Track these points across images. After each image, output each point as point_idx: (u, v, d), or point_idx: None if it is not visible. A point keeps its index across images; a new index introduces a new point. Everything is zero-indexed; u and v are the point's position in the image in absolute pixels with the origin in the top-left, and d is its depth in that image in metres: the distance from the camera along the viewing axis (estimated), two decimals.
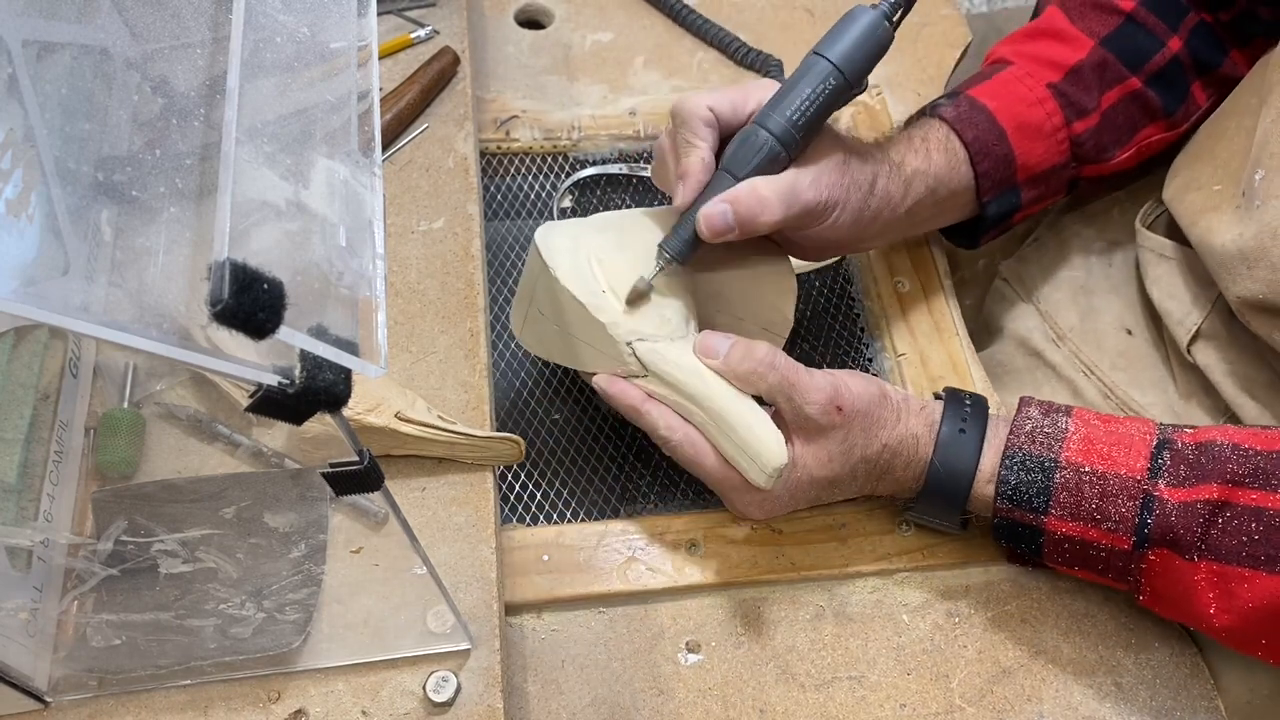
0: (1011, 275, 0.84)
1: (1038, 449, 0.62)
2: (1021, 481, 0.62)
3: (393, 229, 0.75)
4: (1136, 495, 0.59)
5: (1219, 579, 0.58)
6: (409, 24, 0.86)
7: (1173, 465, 0.60)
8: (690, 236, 0.64)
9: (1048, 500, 0.61)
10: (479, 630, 0.60)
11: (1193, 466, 0.60)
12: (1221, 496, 0.58)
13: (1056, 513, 0.61)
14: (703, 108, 0.64)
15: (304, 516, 0.59)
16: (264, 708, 0.57)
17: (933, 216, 0.74)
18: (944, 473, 0.63)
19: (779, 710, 0.63)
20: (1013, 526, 0.63)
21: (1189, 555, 0.58)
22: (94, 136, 0.46)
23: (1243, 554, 0.57)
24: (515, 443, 0.64)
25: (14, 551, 0.55)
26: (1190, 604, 0.59)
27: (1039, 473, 0.61)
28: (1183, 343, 0.72)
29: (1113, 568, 0.62)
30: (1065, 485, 0.61)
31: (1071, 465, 0.61)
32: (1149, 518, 0.59)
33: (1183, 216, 0.71)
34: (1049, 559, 0.64)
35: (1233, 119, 0.72)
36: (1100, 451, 0.61)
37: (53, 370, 0.61)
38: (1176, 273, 0.74)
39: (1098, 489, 0.60)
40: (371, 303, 0.40)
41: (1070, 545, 0.62)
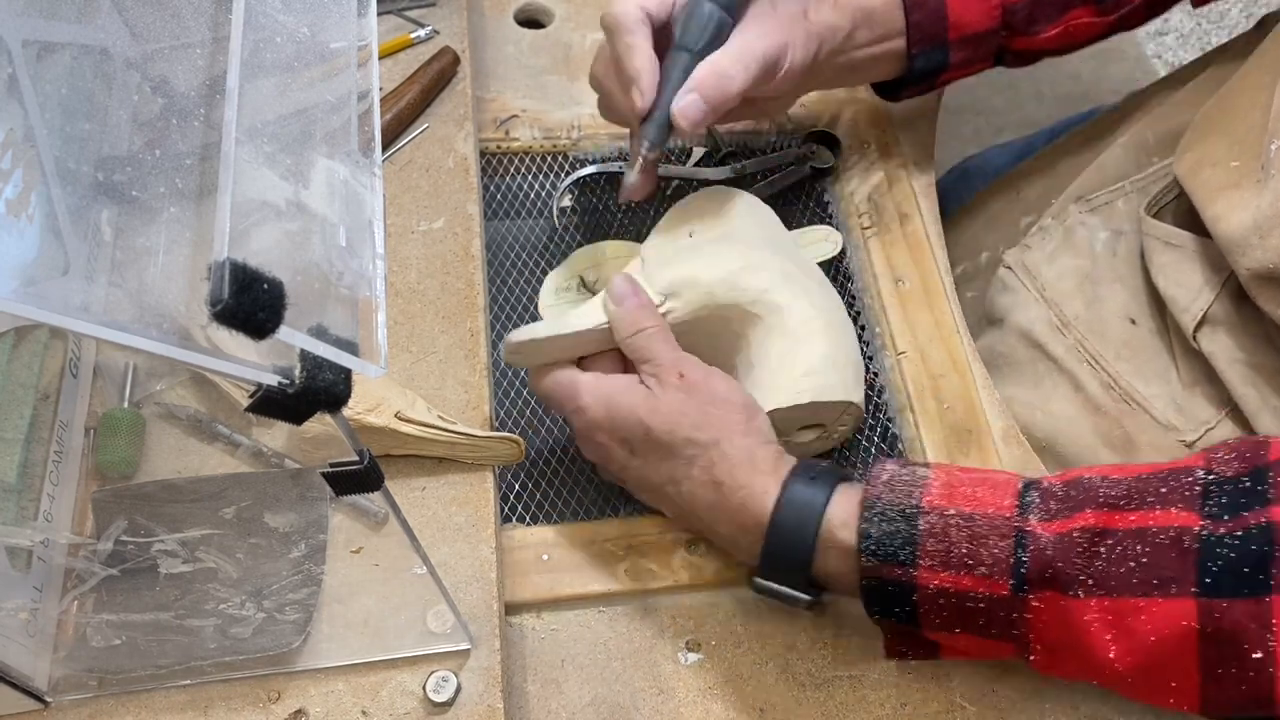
0: (1016, 263, 0.84)
1: (897, 497, 0.57)
2: (884, 533, 0.56)
3: (393, 229, 0.75)
4: (1008, 533, 0.54)
5: (1113, 615, 0.52)
6: (409, 24, 0.86)
7: (1042, 502, 0.56)
8: (664, 123, 0.68)
9: (915, 550, 0.56)
10: (479, 630, 0.60)
11: (1063, 500, 0.55)
12: (1098, 523, 0.53)
13: (926, 563, 0.55)
14: (634, 8, 0.67)
15: (304, 516, 0.59)
16: (264, 708, 0.57)
17: (866, 63, 0.77)
18: (793, 507, 0.59)
19: (779, 709, 0.63)
20: (882, 587, 0.57)
21: (1074, 592, 0.53)
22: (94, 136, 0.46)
23: (1132, 581, 0.52)
24: (515, 443, 0.64)
25: (14, 551, 0.55)
26: (1087, 651, 0.53)
27: (901, 521, 0.56)
28: (1188, 329, 0.72)
29: (995, 621, 0.55)
30: (931, 531, 0.55)
31: (935, 509, 0.56)
32: (1024, 555, 0.54)
33: (1197, 193, 0.71)
34: (926, 623, 0.57)
35: (1244, 95, 0.72)
36: (964, 494, 0.57)
37: (53, 370, 0.61)
38: (1182, 260, 0.74)
39: (966, 532, 0.55)
40: (371, 303, 0.40)
41: (946, 600, 0.56)
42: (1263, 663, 0.50)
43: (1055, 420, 0.77)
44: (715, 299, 0.67)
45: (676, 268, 0.68)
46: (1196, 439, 0.72)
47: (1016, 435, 0.73)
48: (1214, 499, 0.53)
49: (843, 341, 0.68)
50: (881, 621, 0.60)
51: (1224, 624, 0.50)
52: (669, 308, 0.67)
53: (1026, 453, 0.72)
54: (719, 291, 0.67)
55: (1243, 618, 0.50)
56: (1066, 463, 0.76)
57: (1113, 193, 0.82)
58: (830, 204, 0.86)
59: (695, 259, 0.69)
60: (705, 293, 0.67)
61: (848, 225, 0.84)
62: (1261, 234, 0.65)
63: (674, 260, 0.69)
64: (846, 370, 0.68)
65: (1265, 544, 0.50)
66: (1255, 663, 0.50)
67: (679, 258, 0.69)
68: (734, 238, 0.71)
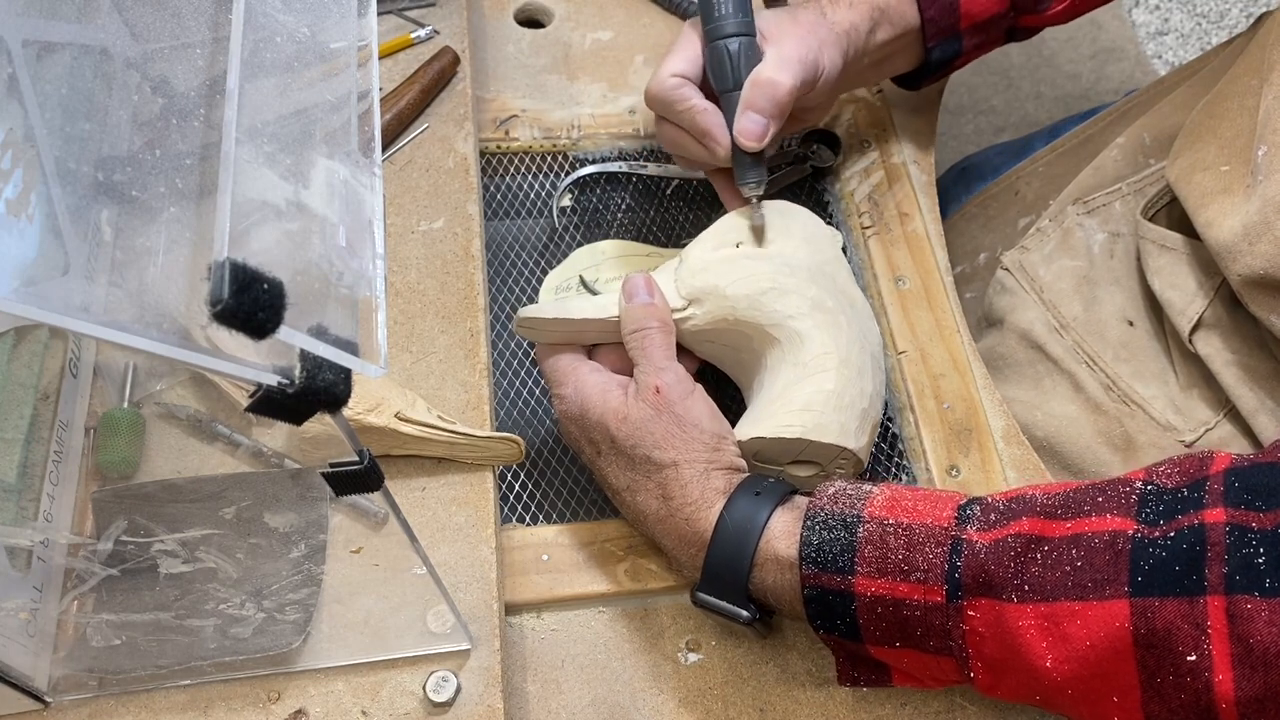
0: (1014, 265, 0.84)
1: (840, 508, 0.58)
2: (824, 541, 0.57)
3: (393, 229, 0.75)
4: (944, 541, 0.55)
5: (1048, 621, 0.52)
6: (409, 24, 0.86)
7: (982, 514, 0.56)
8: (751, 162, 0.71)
9: (853, 557, 0.56)
10: (479, 630, 0.60)
11: (1002, 512, 0.56)
12: (1033, 530, 0.53)
13: (863, 570, 0.56)
14: (670, 77, 0.72)
15: (304, 516, 0.59)
16: (264, 708, 0.57)
17: (885, 59, 0.80)
18: (733, 519, 0.59)
19: (779, 710, 0.63)
20: (823, 596, 0.57)
21: (1008, 596, 0.53)
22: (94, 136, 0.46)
23: (1067, 585, 0.51)
24: (515, 443, 0.64)
25: (14, 551, 0.55)
26: (1024, 659, 0.52)
27: (841, 529, 0.57)
28: (1184, 332, 0.72)
29: (932, 631, 0.55)
30: (869, 539, 0.56)
31: (875, 519, 0.56)
32: (958, 561, 0.54)
33: (1190, 199, 0.71)
34: (867, 635, 0.57)
35: (1233, 99, 0.72)
36: (905, 507, 0.57)
37: (53, 370, 0.61)
38: (1178, 263, 0.74)
39: (903, 539, 0.55)
40: (371, 303, 0.40)
41: (884, 609, 0.55)
42: (1198, 666, 0.48)
43: (1056, 420, 0.77)
44: (736, 314, 0.66)
45: (707, 276, 0.67)
46: (1196, 439, 0.72)
47: (1017, 434, 0.73)
48: (1150, 506, 0.52)
49: (856, 384, 0.65)
50: (828, 639, 0.59)
51: (1157, 625, 0.49)
52: (689, 314, 0.67)
53: (1027, 452, 0.72)
54: (741, 308, 0.66)
55: (1175, 618, 0.49)
56: (1067, 462, 0.76)
57: (1110, 195, 0.82)
58: (830, 203, 0.86)
59: (729, 271, 0.67)
60: (728, 306, 0.66)
61: (848, 225, 0.84)
62: (1250, 240, 0.65)
63: (708, 268, 0.68)
64: (849, 414, 0.64)
65: (1197, 544, 0.50)
66: (1190, 666, 0.49)
67: (714, 267, 0.68)
68: (777, 258, 0.69)
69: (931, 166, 0.87)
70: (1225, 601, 0.48)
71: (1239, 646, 0.47)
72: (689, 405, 0.63)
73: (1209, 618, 0.48)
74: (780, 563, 0.58)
